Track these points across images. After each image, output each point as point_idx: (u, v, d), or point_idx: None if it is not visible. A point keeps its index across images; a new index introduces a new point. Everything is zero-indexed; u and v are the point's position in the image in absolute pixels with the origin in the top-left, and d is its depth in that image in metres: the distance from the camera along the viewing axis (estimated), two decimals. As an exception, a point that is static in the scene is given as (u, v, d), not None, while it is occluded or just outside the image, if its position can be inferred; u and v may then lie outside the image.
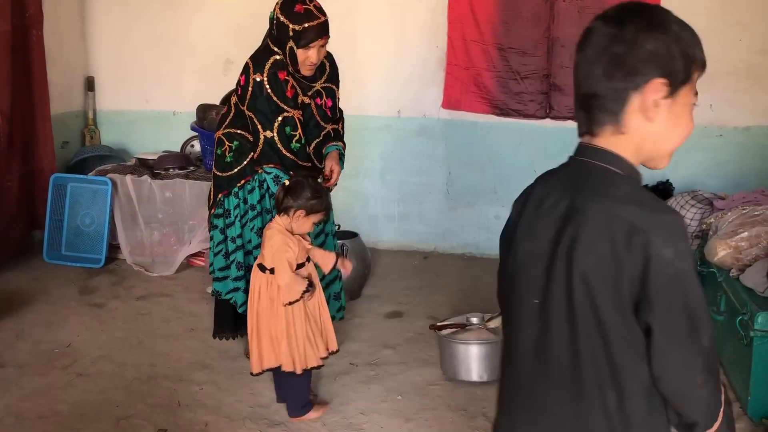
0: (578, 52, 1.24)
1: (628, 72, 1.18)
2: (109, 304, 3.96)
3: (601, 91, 1.21)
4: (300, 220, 2.66)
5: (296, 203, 2.65)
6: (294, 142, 2.96)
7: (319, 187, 2.73)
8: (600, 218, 1.16)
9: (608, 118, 1.21)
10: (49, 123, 4.70)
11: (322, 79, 3.08)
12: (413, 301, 4.04)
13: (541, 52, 4.43)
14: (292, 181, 2.70)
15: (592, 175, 1.23)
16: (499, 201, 4.75)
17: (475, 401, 2.96)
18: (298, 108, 2.97)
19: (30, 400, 2.92)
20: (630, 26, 1.19)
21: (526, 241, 1.28)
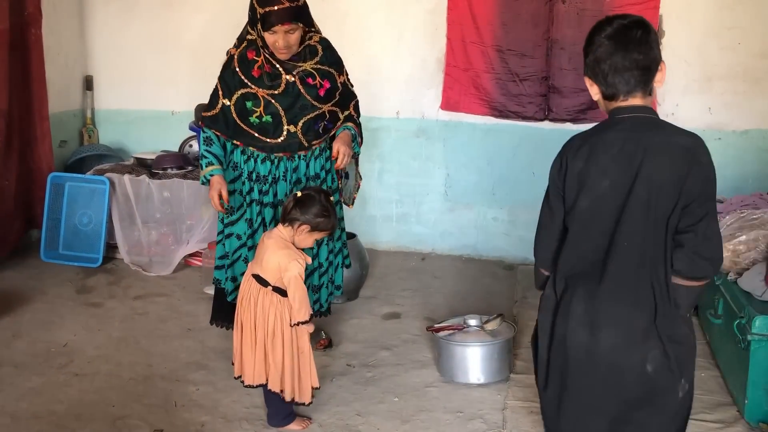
0: (625, 40, 1.84)
1: (658, 56, 1.86)
2: (106, 304, 3.95)
3: (652, 66, 1.84)
4: (303, 234, 2.62)
5: (303, 217, 2.60)
6: (254, 117, 3.01)
7: (329, 205, 2.66)
8: (664, 147, 1.79)
9: (645, 85, 1.85)
10: (47, 122, 4.69)
11: (312, 61, 3.06)
12: (411, 303, 4.04)
13: (540, 55, 4.43)
14: (303, 194, 2.64)
15: (645, 123, 1.84)
16: (497, 202, 4.76)
17: (472, 403, 2.96)
18: (267, 87, 3.00)
19: (26, 400, 2.91)
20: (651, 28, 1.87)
21: (605, 176, 1.83)
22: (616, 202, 1.82)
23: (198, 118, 4.63)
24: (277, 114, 3.01)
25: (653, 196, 1.78)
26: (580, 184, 1.86)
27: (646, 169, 1.77)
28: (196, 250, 4.50)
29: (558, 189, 1.94)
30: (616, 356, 1.85)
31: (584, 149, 1.86)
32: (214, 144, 3.06)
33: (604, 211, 1.84)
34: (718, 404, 2.96)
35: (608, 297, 1.85)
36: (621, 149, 1.81)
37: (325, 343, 3.41)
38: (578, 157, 1.86)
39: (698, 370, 3.21)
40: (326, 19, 4.74)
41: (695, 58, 4.25)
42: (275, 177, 3.07)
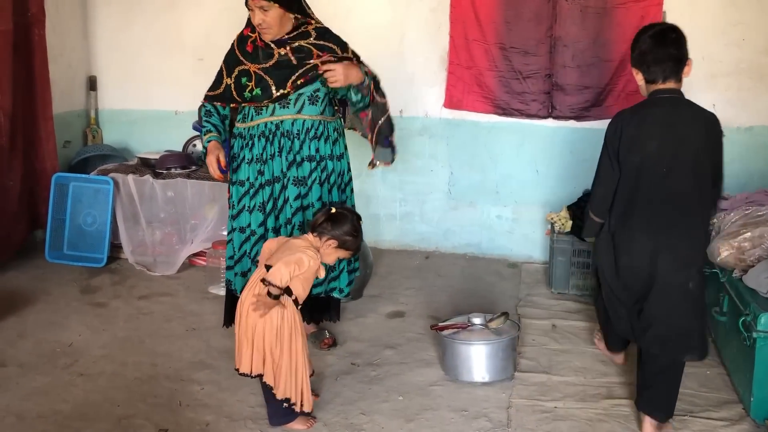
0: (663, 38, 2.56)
1: (686, 53, 2.54)
2: (110, 304, 3.96)
3: (683, 59, 2.53)
4: (329, 249, 2.66)
5: (332, 232, 2.65)
6: (247, 92, 3.12)
7: (359, 227, 2.73)
8: (697, 117, 2.52)
9: (677, 74, 2.53)
10: (51, 122, 4.70)
11: (305, 40, 3.12)
12: (415, 301, 4.04)
13: (544, 52, 4.42)
14: (337, 210, 2.69)
15: (681, 102, 2.54)
16: (501, 201, 4.75)
17: (477, 402, 2.96)
18: (260, 63, 3.11)
19: (31, 400, 2.92)
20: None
21: (652, 139, 2.50)
22: (663, 160, 2.49)
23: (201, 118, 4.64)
24: (268, 87, 3.08)
25: (698, 155, 2.48)
26: (632, 146, 2.53)
27: (686, 134, 2.48)
28: (200, 250, 4.50)
29: (614, 150, 2.57)
30: (669, 277, 2.52)
31: (635, 119, 2.55)
32: (214, 116, 3.23)
33: (652, 166, 2.51)
34: (724, 402, 2.95)
35: (661, 232, 2.51)
36: (663, 119, 2.51)
37: (329, 342, 3.41)
38: (631, 124, 2.54)
39: (703, 367, 3.22)
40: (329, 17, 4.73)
41: (699, 55, 4.21)
42: (271, 154, 3.12)
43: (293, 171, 3.13)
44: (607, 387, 3.08)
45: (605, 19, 4.29)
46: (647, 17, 4.21)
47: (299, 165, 3.14)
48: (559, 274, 4.14)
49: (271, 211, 3.17)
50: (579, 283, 4.12)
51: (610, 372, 3.21)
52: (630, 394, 3.00)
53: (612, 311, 2.80)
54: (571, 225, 4.13)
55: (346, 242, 2.68)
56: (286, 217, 3.16)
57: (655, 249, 2.52)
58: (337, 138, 3.27)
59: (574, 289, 4.12)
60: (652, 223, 2.53)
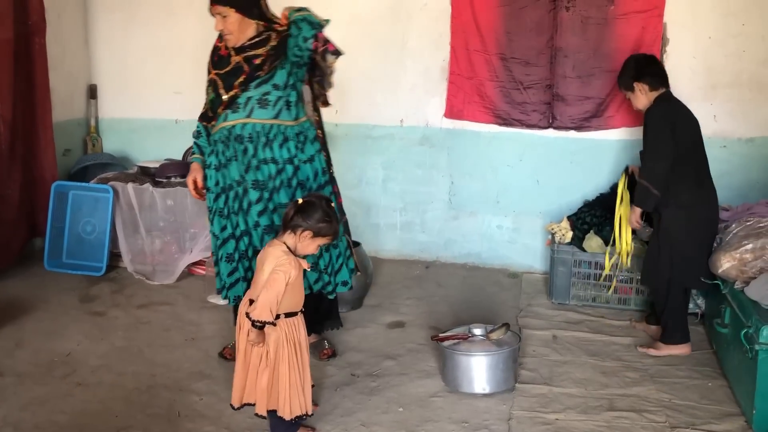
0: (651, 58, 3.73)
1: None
2: (109, 313, 3.94)
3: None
4: (306, 241, 2.61)
5: (305, 223, 2.59)
6: (209, 98, 3.21)
7: (331, 210, 2.66)
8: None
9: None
10: (51, 130, 4.70)
11: (263, 47, 3.08)
12: (415, 311, 4.02)
13: (544, 62, 4.43)
14: (304, 200, 2.64)
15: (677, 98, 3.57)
16: (501, 210, 4.74)
17: (477, 413, 2.94)
18: (219, 69, 3.17)
19: (28, 410, 2.90)
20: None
21: (691, 122, 3.46)
22: (696, 138, 3.44)
23: (202, 127, 4.64)
24: (219, 91, 3.13)
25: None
26: (682, 128, 3.38)
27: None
28: (199, 259, 4.49)
29: (672, 132, 3.32)
30: (716, 216, 3.47)
31: (681, 105, 3.50)
32: (202, 136, 3.27)
33: (693, 142, 3.42)
34: (726, 414, 2.94)
35: (709, 187, 3.47)
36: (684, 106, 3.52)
37: (329, 353, 3.39)
38: (681, 110, 3.47)
39: (705, 379, 3.21)
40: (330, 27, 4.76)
41: (700, 66, 4.24)
42: (228, 159, 3.12)
43: (251, 175, 3.10)
44: (609, 399, 3.06)
45: (606, 30, 4.30)
46: (648, 28, 4.23)
47: (257, 169, 3.09)
48: (560, 285, 4.13)
49: (231, 214, 3.14)
50: (579, 294, 4.11)
51: (611, 384, 3.19)
52: (631, 407, 2.99)
53: (687, 279, 3.47)
54: (571, 235, 4.12)
55: (321, 229, 2.61)
56: (254, 221, 3.12)
57: (707, 201, 3.45)
58: (303, 141, 3.18)
59: (574, 299, 4.11)
60: (710, 182, 3.47)
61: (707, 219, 3.44)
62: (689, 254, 3.42)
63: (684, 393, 3.11)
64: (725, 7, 4.18)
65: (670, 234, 3.42)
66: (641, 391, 3.13)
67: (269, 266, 2.55)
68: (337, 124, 4.86)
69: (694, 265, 3.43)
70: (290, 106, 3.13)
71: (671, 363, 3.40)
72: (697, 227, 3.40)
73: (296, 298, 2.64)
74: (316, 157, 3.25)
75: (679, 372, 3.31)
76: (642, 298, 4.01)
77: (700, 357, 3.46)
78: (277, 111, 3.10)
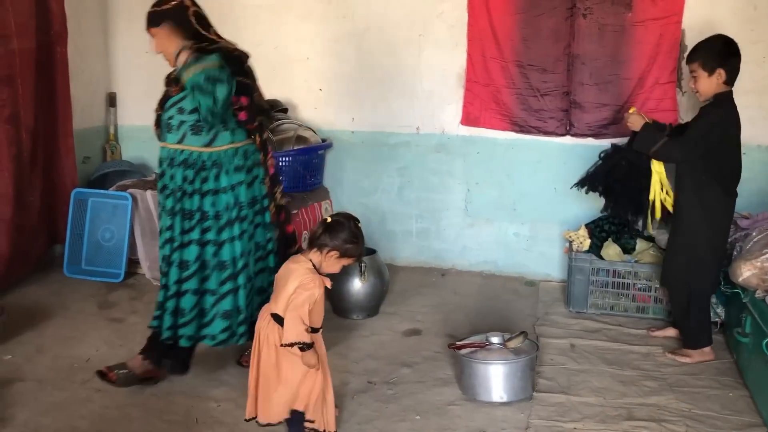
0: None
1: None
2: (128, 319, 3.97)
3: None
4: (331, 260, 2.61)
5: (332, 243, 2.59)
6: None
7: (358, 231, 2.66)
8: None
9: None
10: (71, 138, 4.75)
11: (191, 67, 2.95)
12: (431, 319, 4.01)
13: (561, 69, 4.42)
14: (333, 219, 2.65)
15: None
16: (518, 218, 4.73)
17: (495, 422, 2.92)
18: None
19: (49, 415, 2.92)
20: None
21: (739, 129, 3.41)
22: (738, 149, 3.39)
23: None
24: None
25: None
26: (730, 138, 3.34)
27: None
28: (216, 266, 4.50)
29: (717, 143, 3.26)
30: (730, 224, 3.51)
31: (735, 116, 3.35)
32: None
33: (735, 154, 3.38)
34: (748, 425, 2.90)
35: (734, 196, 3.39)
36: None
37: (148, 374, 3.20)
38: (734, 123, 3.35)
39: (726, 389, 3.17)
40: (347, 35, 4.81)
41: (719, 73, 4.20)
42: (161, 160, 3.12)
43: (161, 199, 3.11)
44: (627, 408, 3.03)
45: (624, 37, 4.29)
46: (666, 35, 4.21)
47: (165, 194, 3.07)
48: (578, 293, 4.10)
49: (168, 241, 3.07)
50: (597, 302, 4.08)
51: (629, 393, 3.17)
52: (650, 416, 2.96)
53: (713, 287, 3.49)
54: (589, 243, 4.10)
55: (347, 250, 2.61)
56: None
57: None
58: (218, 169, 3.00)
59: (592, 308, 4.08)
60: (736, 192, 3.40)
61: (726, 227, 3.44)
62: (708, 260, 3.40)
63: (704, 403, 3.08)
64: (745, 13, 4.15)
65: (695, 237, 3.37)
66: (660, 400, 3.10)
67: (293, 284, 2.56)
68: (354, 132, 4.88)
69: (712, 271, 3.42)
70: (199, 131, 2.97)
71: (691, 372, 3.36)
72: (716, 234, 3.38)
73: (319, 315, 2.65)
74: (237, 188, 3.03)
75: (699, 381, 3.27)
76: (660, 306, 3.97)
77: (721, 366, 3.42)
78: (181, 135, 2.99)
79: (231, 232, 3.02)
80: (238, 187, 3.04)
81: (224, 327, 3.04)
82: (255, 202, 3.13)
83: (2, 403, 3.00)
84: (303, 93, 4.94)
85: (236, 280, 3.03)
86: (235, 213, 3.03)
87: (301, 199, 4.57)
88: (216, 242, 3.01)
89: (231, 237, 3.02)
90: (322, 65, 4.88)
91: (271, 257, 3.22)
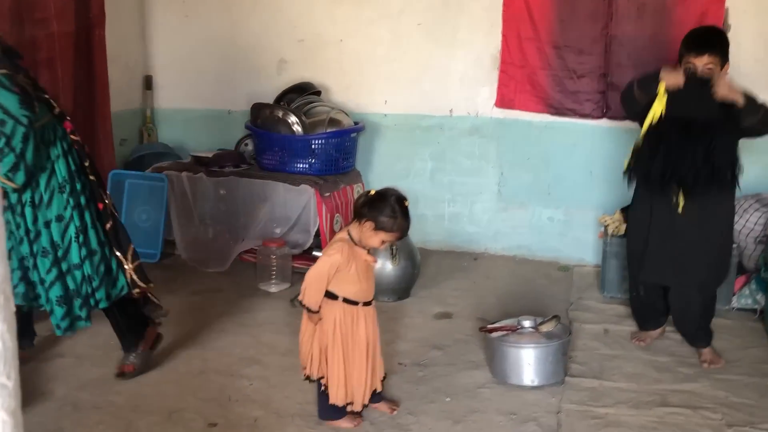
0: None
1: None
2: (164, 299, 4.00)
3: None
4: (368, 232, 2.60)
5: (370, 213, 2.58)
6: None
7: (399, 207, 2.60)
8: None
9: None
10: (109, 121, 4.83)
11: None
12: (463, 303, 4.00)
13: (599, 51, 4.33)
14: (376, 192, 2.64)
15: None
16: (553, 202, 4.67)
17: (526, 406, 2.91)
18: None
19: (86, 390, 3.00)
20: None
21: None
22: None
23: (254, 117, 4.70)
24: None
25: None
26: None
27: None
28: (251, 247, 4.56)
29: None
30: None
31: None
32: None
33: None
34: (786, 414, 2.84)
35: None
36: None
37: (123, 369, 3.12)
38: None
39: (764, 378, 3.12)
40: (380, 18, 4.78)
41: (764, 54, 4.08)
42: None
43: None
44: (661, 394, 2.99)
45: (663, 17, 4.18)
46: (708, 14, 4.09)
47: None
48: (612, 278, 4.05)
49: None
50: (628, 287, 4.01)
51: (664, 379, 3.12)
52: (685, 403, 2.91)
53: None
54: (624, 228, 4.03)
55: (383, 223, 2.57)
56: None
57: None
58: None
59: (627, 293, 4.02)
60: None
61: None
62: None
63: (741, 391, 3.01)
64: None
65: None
66: (696, 387, 3.05)
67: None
68: (386, 114, 4.87)
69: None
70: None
71: (728, 359, 3.29)
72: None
73: (354, 287, 2.63)
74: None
75: (737, 369, 3.21)
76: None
77: (759, 354, 3.35)
78: None
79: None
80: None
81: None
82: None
83: (42, 377, 3.09)
84: (336, 75, 4.94)
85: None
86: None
87: (334, 182, 4.58)
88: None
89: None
90: (356, 47, 4.86)
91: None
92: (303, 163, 4.55)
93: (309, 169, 4.55)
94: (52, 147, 2.78)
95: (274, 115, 4.59)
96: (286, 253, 4.24)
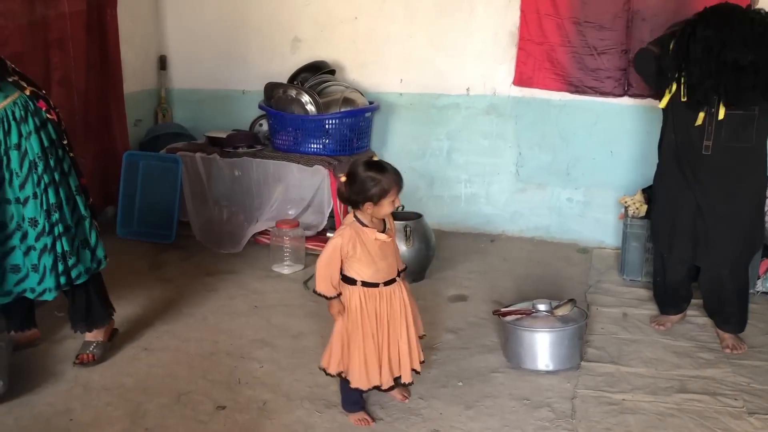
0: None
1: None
2: (177, 280, 4.02)
3: None
4: (372, 210, 2.51)
5: (359, 196, 2.49)
6: None
7: (376, 169, 2.49)
8: None
9: None
10: (122, 101, 4.81)
11: None
12: (478, 285, 3.93)
13: (620, 27, 4.19)
14: (349, 174, 2.51)
15: None
16: (572, 183, 4.57)
17: (540, 391, 2.85)
18: None
19: (97, 372, 2.99)
20: None
21: None
22: None
23: (268, 97, 4.64)
24: None
25: None
26: None
27: None
28: (264, 228, 4.52)
29: None
30: None
31: None
32: None
33: None
34: (811, 402, 2.74)
35: None
36: None
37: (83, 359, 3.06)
38: None
39: (788, 364, 3.00)
40: (394, -7, 4.66)
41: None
42: None
43: None
44: (680, 380, 2.91)
45: (688, -10, 4.03)
46: (735, -13, 3.92)
47: None
48: (632, 261, 3.95)
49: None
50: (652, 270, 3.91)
51: (683, 364, 3.04)
52: (705, 389, 2.83)
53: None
54: (646, 209, 3.92)
55: (376, 194, 2.46)
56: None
57: None
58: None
59: (647, 276, 3.92)
60: None
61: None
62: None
63: (764, 377, 2.92)
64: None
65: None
66: (716, 373, 2.96)
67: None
68: (402, 94, 4.78)
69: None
70: None
71: (750, 345, 3.20)
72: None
73: (369, 269, 2.54)
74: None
75: (760, 355, 3.11)
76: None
77: (784, 340, 3.25)
78: None
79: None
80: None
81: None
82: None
83: (54, 359, 3.09)
84: (350, 54, 4.85)
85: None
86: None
87: (348, 162, 4.51)
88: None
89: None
90: (370, 25, 4.77)
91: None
92: (317, 143, 4.49)
93: (323, 149, 4.49)
94: (23, 124, 2.76)
95: (287, 94, 4.53)
96: (299, 234, 4.20)
